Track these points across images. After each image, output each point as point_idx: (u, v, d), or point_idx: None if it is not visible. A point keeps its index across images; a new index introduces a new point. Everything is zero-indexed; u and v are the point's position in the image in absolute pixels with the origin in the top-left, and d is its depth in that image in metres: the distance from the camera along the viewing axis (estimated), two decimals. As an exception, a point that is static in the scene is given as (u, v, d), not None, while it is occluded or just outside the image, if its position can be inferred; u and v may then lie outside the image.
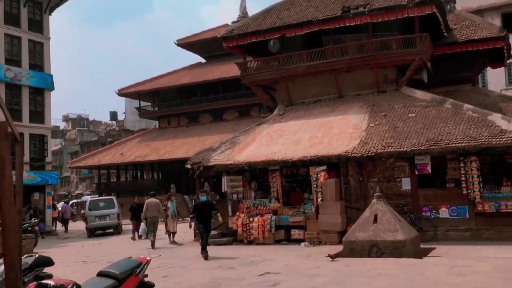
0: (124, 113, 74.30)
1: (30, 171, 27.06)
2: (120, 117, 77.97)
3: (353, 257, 11.53)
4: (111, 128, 79.64)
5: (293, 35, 19.07)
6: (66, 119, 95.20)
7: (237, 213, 16.68)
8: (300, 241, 15.18)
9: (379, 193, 12.72)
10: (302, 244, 14.83)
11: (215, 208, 14.27)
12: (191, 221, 15.24)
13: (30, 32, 28.83)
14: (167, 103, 43.97)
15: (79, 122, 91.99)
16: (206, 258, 13.14)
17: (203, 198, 14.14)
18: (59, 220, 30.01)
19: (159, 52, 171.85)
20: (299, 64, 19.12)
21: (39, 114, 29.03)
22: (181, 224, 20.18)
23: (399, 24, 18.49)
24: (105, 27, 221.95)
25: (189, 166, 17.81)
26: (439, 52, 19.30)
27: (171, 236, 18.35)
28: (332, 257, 11.55)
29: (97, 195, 42.68)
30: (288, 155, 16.10)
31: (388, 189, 14.97)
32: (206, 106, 41.51)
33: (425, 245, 12.75)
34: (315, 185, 15.44)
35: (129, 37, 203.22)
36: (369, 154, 14.90)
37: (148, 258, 6.04)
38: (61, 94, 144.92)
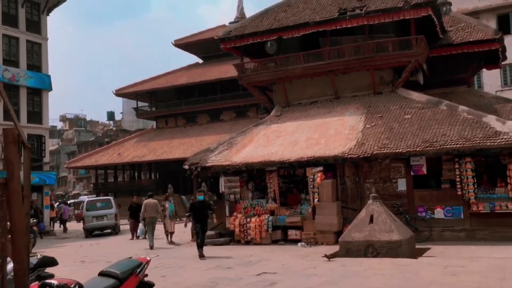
0: (121, 113, 74.31)
1: (28, 171, 27.08)
2: (118, 117, 78.06)
3: (349, 257, 11.64)
4: (108, 128, 79.64)
5: (290, 36, 19.18)
6: (63, 119, 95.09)
7: (235, 214, 16.79)
8: (297, 241, 15.29)
9: (375, 194, 12.87)
10: (299, 244, 14.94)
11: (211, 208, 14.46)
12: (186, 220, 15.36)
13: (28, 33, 28.92)
14: (164, 103, 43.99)
15: (76, 122, 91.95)
16: (200, 256, 13.27)
17: (200, 197, 14.34)
18: (58, 220, 30.07)
19: (156, 52, 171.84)
20: (296, 65, 19.25)
21: (37, 114, 29.11)
22: (178, 224, 20.28)
23: (395, 26, 18.65)
24: (102, 27, 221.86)
25: (187, 167, 17.92)
26: (434, 54, 19.45)
27: (169, 236, 18.45)
28: (328, 257, 11.66)
29: (94, 195, 42.73)
30: (285, 156, 16.22)
31: (384, 189, 15.12)
32: (204, 106, 41.58)
33: (420, 245, 12.87)
34: (311, 186, 15.56)
35: (127, 37, 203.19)
36: (365, 155, 15.04)
37: (148, 258, 6.16)
38: (58, 94, 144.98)
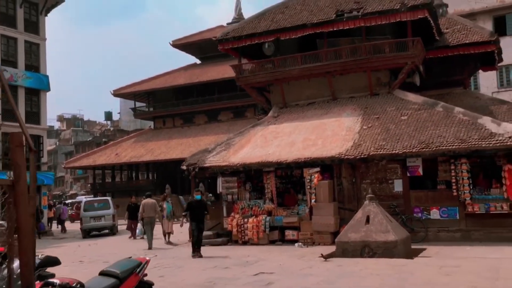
0: (119, 113, 74.34)
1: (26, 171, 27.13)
2: (115, 117, 78.11)
3: (346, 258, 11.74)
4: (106, 128, 79.62)
5: (287, 38, 19.28)
6: (60, 119, 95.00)
7: (232, 214, 16.87)
8: (294, 242, 15.38)
9: (371, 195, 12.93)
10: (296, 244, 15.04)
11: (206, 209, 14.57)
12: (183, 220, 15.47)
13: (26, 33, 28.98)
14: (162, 103, 44.05)
15: (73, 122, 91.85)
16: (193, 254, 13.47)
17: (197, 197, 14.52)
18: (56, 220, 30.12)
19: (154, 52, 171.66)
20: (294, 66, 19.35)
21: (34, 114, 29.15)
22: (176, 225, 20.35)
23: (392, 28, 18.77)
24: (100, 27, 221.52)
25: (184, 168, 18.00)
26: (431, 56, 19.58)
27: (167, 236, 18.52)
28: (325, 257, 11.76)
29: (92, 196, 42.74)
30: (282, 157, 16.32)
31: (380, 190, 15.22)
32: (201, 107, 41.65)
33: (416, 246, 12.99)
34: (308, 187, 15.66)
35: (125, 37, 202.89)
36: (362, 156, 15.15)
37: (147, 258, 6.26)
38: (55, 94, 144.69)
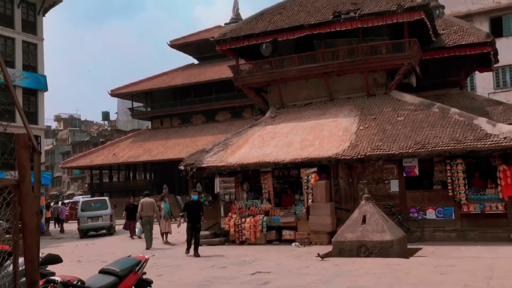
0: (116, 113, 74.32)
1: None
2: (112, 117, 78.04)
3: (342, 257, 11.84)
4: (103, 128, 79.60)
5: (285, 39, 19.38)
6: (57, 119, 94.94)
7: (230, 214, 16.95)
8: (291, 242, 15.47)
9: (368, 195, 13.05)
10: (293, 244, 15.12)
11: (202, 210, 14.65)
12: (180, 220, 15.55)
13: (23, 33, 28.95)
14: (160, 103, 44.12)
15: (71, 122, 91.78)
16: (187, 252, 13.65)
17: (194, 197, 14.71)
18: (53, 220, 30.16)
19: (152, 52, 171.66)
20: (291, 67, 19.45)
21: (32, 115, 29.12)
22: (174, 225, 20.42)
23: (388, 29, 18.91)
24: (98, 27, 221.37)
25: (182, 168, 18.07)
26: (427, 57, 19.72)
27: (165, 236, 18.58)
28: (321, 257, 11.85)
29: (89, 196, 42.78)
30: (279, 157, 16.42)
31: (376, 190, 15.35)
32: (199, 107, 41.75)
33: (412, 246, 13.10)
34: (306, 187, 15.76)
35: (122, 37, 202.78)
36: (358, 157, 15.26)
37: (146, 257, 6.35)
38: (53, 94, 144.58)
